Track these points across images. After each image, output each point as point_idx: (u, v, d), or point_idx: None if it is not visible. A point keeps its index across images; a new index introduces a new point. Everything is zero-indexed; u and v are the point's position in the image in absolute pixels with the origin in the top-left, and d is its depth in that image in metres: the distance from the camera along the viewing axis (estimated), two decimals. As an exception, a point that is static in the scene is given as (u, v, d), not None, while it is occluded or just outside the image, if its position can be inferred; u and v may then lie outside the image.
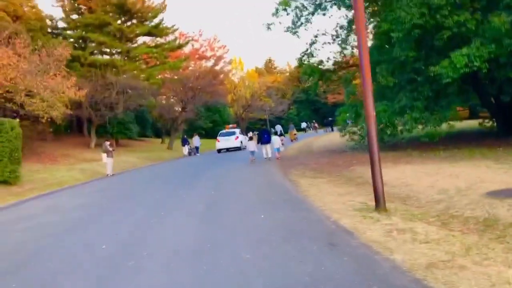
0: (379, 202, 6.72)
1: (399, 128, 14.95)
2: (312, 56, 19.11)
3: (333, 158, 16.56)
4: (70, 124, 38.31)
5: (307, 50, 19.14)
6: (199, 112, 53.72)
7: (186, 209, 8.75)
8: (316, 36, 18.86)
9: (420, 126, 14.61)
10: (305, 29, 18.34)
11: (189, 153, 33.34)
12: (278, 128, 38.47)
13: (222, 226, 6.77)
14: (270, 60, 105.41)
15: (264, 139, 20.27)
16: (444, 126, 14.32)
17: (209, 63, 57.70)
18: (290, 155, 21.41)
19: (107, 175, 20.27)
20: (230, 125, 39.84)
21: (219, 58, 60.30)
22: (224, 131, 34.59)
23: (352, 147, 19.98)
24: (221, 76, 56.77)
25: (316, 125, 56.70)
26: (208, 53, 58.82)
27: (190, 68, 49.79)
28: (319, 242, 5.24)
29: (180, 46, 42.95)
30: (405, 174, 9.90)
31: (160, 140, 47.10)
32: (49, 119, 23.06)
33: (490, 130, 17.70)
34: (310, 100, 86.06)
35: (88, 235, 7.37)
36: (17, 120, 19.38)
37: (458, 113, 18.12)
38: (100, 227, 7.99)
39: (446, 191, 7.55)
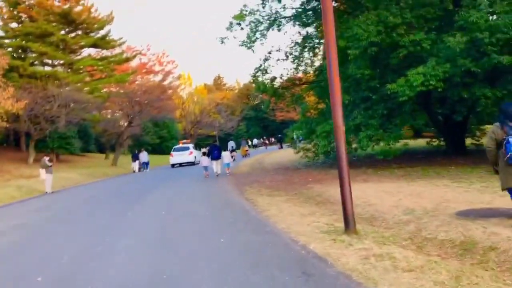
0: (348, 224, 6.29)
1: (354, 145, 14.84)
2: (266, 72, 18.88)
3: (288, 175, 16.20)
4: (6, 138, 35.93)
5: (260, 66, 18.87)
6: (146, 127, 52.25)
7: (136, 234, 7.94)
8: (270, 52, 18.69)
9: (372, 144, 14.60)
10: (261, 44, 18.23)
11: (139, 169, 32.28)
12: (231, 144, 38.25)
13: (178, 253, 6.07)
14: (219, 77, 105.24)
15: (214, 155, 20.21)
16: (398, 144, 14.38)
17: (157, 78, 56.71)
18: (243, 171, 20.90)
19: (46, 192, 18.82)
20: (184, 140, 40.46)
21: (168, 73, 59.34)
22: (178, 146, 35.27)
23: (305, 164, 19.81)
24: (169, 91, 55.89)
25: (266, 141, 56.79)
26: (157, 68, 57.78)
27: (137, 82, 48.39)
28: (291, 271, 4.70)
29: (127, 60, 41.71)
30: (365, 193, 9.61)
31: (104, 155, 45.12)
32: (-19, 132, 21.32)
33: (437, 149, 18.05)
34: (259, 117, 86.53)
35: (21, 264, 6.43)
36: None
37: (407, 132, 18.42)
38: (36, 255, 7.04)
39: (413, 211, 7.28)
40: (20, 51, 36.33)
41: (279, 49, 18.62)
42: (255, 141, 53.24)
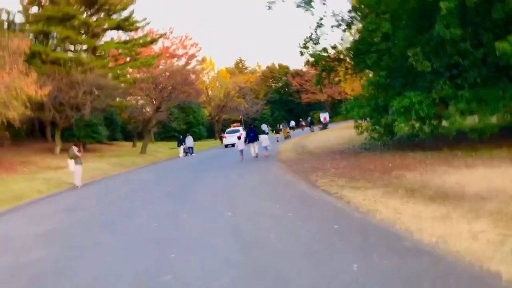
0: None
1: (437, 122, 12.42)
2: (318, 42, 16.38)
3: (351, 160, 13.87)
4: (32, 128, 34.42)
5: (311, 35, 16.40)
6: (172, 113, 50.49)
7: (206, 248, 5.84)
8: (321, 19, 16.16)
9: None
10: (323, 3, 15.46)
11: (186, 153, 32.64)
12: (265, 127, 36.98)
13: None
14: (240, 60, 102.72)
15: (250, 137, 21.13)
16: (494, 119, 11.89)
17: (181, 62, 54.51)
18: (290, 157, 18.66)
19: (76, 186, 16.97)
20: (234, 124, 47.05)
21: (191, 57, 57.12)
22: (230, 129, 41.24)
23: (360, 147, 17.45)
24: (193, 75, 53.75)
25: (303, 123, 54.75)
26: (180, 51, 55.63)
27: (160, 67, 46.34)
28: None
29: (152, 41, 39.68)
30: (495, 182, 7.29)
31: (131, 143, 43.50)
32: (5, 121, 19.56)
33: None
34: (284, 100, 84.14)
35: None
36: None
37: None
38: (69, 279, 5.03)
39: None
40: (41, 36, 34.58)
41: (333, 14, 16.02)
42: (292, 123, 51.05)
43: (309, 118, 51.98)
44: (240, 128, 38.71)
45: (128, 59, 38.21)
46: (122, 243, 6.77)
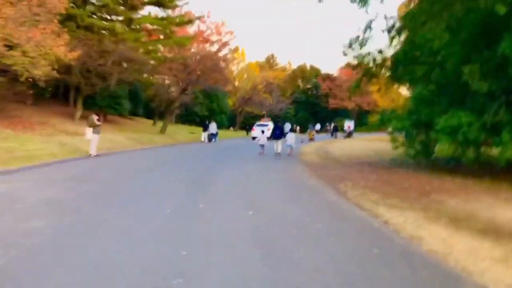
0: None
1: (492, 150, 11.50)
2: (365, 44, 15.40)
3: (382, 175, 12.95)
4: (56, 91, 34.16)
5: (358, 36, 15.44)
6: (197, 98, 49.94)
7: (223, 250, 5.10)
8: (372, 21, 15.17)
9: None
10: (380, 1, 14.49)
11: (209, 140, 32.60)
12: (288, 126, 36.09)
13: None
14: (272, 56, 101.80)
15: (276, 134, 21.15)
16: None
17: (213, 48, 53.80)
18: (313, 160, 17.81)
19: (90, 155, 16.44)
20: (264, 118, 49.57)
21: (224, 44, 56.32)
22: (259, 122, 43.60)
23: (390, 162, 16.51)
24: (223, 63, 52.99)
25: (328, 128, 53.56)
26: (214, 37, 54.92)
27: (192, 50, 45.69)
28: None
29: (189, 21, 38.89)
30: None
31: (151, 121, 43.07)
32: (30, 79, 19.09)
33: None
34: (310, 102, 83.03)
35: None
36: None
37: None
38: (70, 264, 4.31)
39: None
40: (80, 1, 34.21)
41: (385, 16, 15.01)
42: (318, 126, 50.06)
43: (333, 124, 50.66)
44: (269, 123, 38.59)
45: (162, 36, 37.66)
46: (129, 226, 6.04)
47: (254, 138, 35.93)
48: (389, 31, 15.12)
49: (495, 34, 11.10)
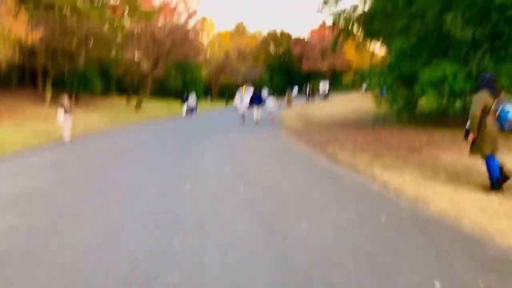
0: None
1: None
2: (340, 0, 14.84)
3: (369, 134, 12.72)
4: (22, 76, 32.67)
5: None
6: (169, 71, 48.73)
7: (220, 233, 4.72)
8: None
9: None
10: None
11: (189, 113, 30.76)
12: (266, 92, 35.32)
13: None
14: (241, 24, 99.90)
15: (255, 100, 19.75)
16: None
17: (181, 19, 52.20)
18: (296, 126, 17.50)
19: (65, 140, 15.71)
20: (247, 84, 45.69)
21: (192, 14, 54.70)
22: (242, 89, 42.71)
23: (373, 120, 16.33)
24: (193, 34, 51.61)
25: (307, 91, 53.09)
26: (181, 7, 53.21)
27: (159, 23, 44.17)
28: None
29: (154, -8, 37.34)
30: None
31: (125, 98, 41.87)
32: (-11, 65, 18.02)
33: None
34: (284, 67, 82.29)
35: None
36: None
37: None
38: (46, 259, 3.88)
39: None
40: (36, -22, 32.36)
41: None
42: (295, 90, 49.57)
43: (308, 87, 49.98)
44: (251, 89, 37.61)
45: (127, 11, 36.20)
46: (110, 219, 5.55)
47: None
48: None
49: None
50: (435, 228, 4.43)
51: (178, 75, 54.14)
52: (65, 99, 16.00)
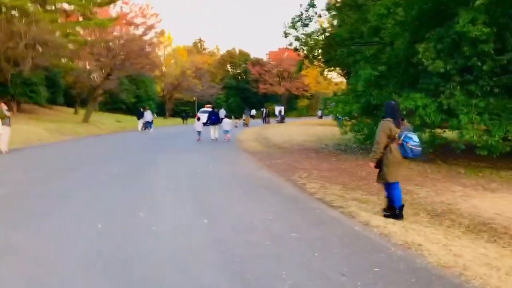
0: None
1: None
2: (307, 25, 14.38)
3: (333, 162, 12.17)
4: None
5: (302, 14, 14.37)
6: (122, 84, 47.01)
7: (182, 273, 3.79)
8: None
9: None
10: None
11: (145, 128, 30.17)
12: (223, 112, 34.85)
13: None
14: (200, 40, 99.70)
15: (212, 120, 21.27)
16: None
17: (138, 31, 50.82)
18: (255, 148, 16.72)
19: (1, 151, 14.14)
20: (208, 105, 47.18)
21: (150, 27, 53.43)
22: (203, 109, 43.17)
23: (334, 147, 15.91)
24: (149, 48, 50.33)
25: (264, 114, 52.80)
26: (139, 20, 51.87)
27: (115, 33, 42.64)
28: None
29: (110, 2, 35.97)
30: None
31: (73, 110, 39.82)
32: None
33: None
34: (240, 87, 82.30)
35: None
36: None
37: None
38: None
39: None
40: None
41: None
42: (253, 112, 49.16)
43: (264, 109, 49.70)
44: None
45: (81, 18, 34.59)
46: (40, 258, 4.46)
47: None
48: (328, 9, 14.28)
49: (447, 11, 10.57)
50: (438, 284, 3.72)
51: (132, 89, 52.40)
52: (3, 107, 14.47)
